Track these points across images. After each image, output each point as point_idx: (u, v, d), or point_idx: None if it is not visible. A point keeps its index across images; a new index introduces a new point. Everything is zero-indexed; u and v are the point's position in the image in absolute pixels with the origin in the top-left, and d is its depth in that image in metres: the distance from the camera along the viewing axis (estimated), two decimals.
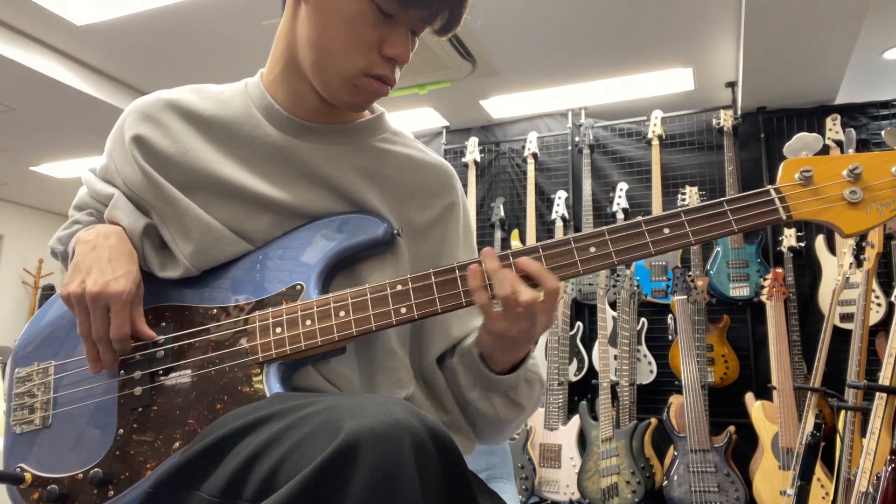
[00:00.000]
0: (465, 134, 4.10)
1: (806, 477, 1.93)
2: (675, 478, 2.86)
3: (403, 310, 0.77)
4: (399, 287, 0.78)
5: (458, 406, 0.89)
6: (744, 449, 2.95)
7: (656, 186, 3.45)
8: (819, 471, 2.51)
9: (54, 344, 0.87)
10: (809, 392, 2.53)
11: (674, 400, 3.07)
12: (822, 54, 2.88)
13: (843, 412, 2.15)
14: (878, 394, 1.78)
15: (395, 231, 0.85)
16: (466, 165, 3.93)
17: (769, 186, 0.76)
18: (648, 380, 3.29)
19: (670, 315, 3.23)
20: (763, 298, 3.00)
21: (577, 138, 3.80)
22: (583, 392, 3.42)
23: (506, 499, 0.92)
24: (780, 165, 0.77)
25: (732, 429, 2.92)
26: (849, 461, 2.04)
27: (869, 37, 3.03)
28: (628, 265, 3.35)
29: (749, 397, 2.95)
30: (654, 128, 3.51)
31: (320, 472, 0.51)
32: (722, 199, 0.76)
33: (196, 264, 0.83)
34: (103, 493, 0.76)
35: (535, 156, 3.80)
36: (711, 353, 3.16)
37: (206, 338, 0.80)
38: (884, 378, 1.79)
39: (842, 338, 2.82)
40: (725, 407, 3.17)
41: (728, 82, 3.51)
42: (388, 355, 0.86)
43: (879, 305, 2.88)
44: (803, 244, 3.17)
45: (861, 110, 3.26)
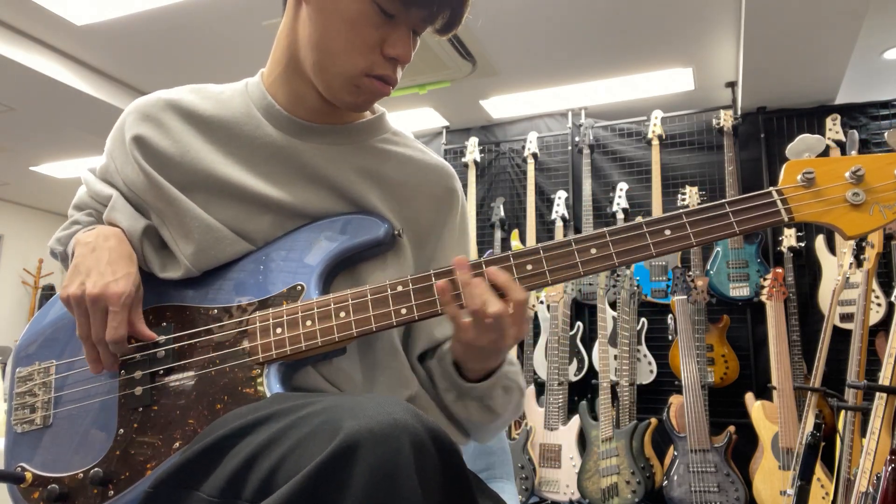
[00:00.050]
0: (465, 134, 4.10)
1: (806, 477, 1.93)
2: (675, 478, 2.86)
3: (404, 310, 0.77)
4: (399, 288, 0.78)
5: (436, 405, 0.90)
6: (744, 449, 2.95)
7: (656, 186, 3.45)
8: (819, 471, 2.51)
9: (55, 344, 0.87)
10: (809, 392, 2.53)
11: (674, 400, 3.07)
12: (822, 54, 2.88)
13: (843, 412, 2.15)
14: (878, 394, 1.78)
15: (396, 231, 0.85)
16: (466, 165, 3.93)
17: (771, 188, 0.76)
18: (648, 380, 3.29)
19: (670, 315, 3.23)
20: (763, 298, 3.00)
21: (577, 138, 3.80)
22: (583, 392, 3.42)
23: (506, 499, 0.92)
24: (783, 167, 0.77)
25: (732, 429, 2.92)
26: (849, 461, 2.04)
27: (869, 37, 3.03)
28: (628, 265, 3.35)
29: (749, 397, 2.95)
30: (654, 128, 3.51)
31: (320, 472, 0.51)
32: (723, 200, 0.76)
33: (197, 265, 0.83)
34: (103, 493, 0.76)
35: (535, 156, 3.80)
36: (711, 353, 3.16)
37: (207, 338, 0.80)
38: (884, 378, 1.79)
39: (842, 338, 2.82)
40: (725, 407, 3.17)
41: (728, 82, 3.51)
42: (390, 355, 0.86)
43: (879, 305, 2.88)
44: (803, 244, 3.17)
45: (861, 110, 3.26)
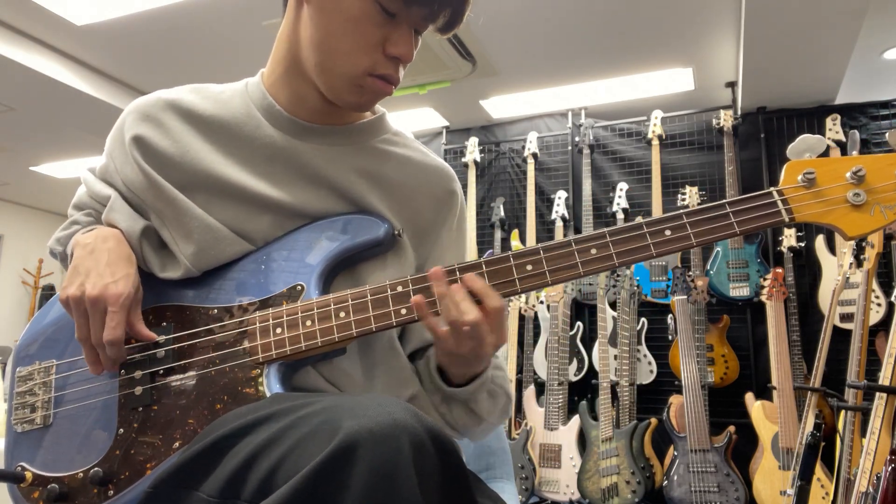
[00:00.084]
0: (465, 134, 4.10)
1: (806, 477, 1.93)
2: (675, 478, 2.86)
3: (404, 311, 0.77)
4: (399, 288, 0.78)
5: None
6: (744, 449, 2.95)
7: (656, 186, 3.45)
8: (819, 471, 2.51)
9: (56, 343, 0.87)
10: (809, 392, 2.53)
11: (674, 400, 3.07)
12: (822, 54, 2.88)
13: (843, 412, 2.15)
14: (878, 394, 1.78)
15: (396, 232, 0.85)
16: (466, 165, 3.93)
17: (772, 188, 0.76)
18: (648, 380, 3.29)
19: (670, 315, 3.23)
20: (763, 298, 3.00)
21: (577, 138, 3.80)
22: (583, 392, 3.42)
23: (506, 499, 0.92)
24: (783, 167, 0.77)
25: (732, 429, 2.92)
26: (849, 461, 2.04)
27: (869, 37, 3.03)
28: (628, 265, 3.35)
29: (749, 397, 2.95)
30: (654, 128, 3.51)
31: (319, 473, 0.51)
32: (724, 200, 0.76)
33: (197, 265, 0.83)
34: (103, 493, 0.76)
35: (535, 156, 3.80)
36: (711, 353, 3.15)
37: (207, 338, 0.80)
38: (884, 378, 1.79)
39: (842, 338, 2.82)
40: (725, 407, 3.17)
41: (728, 82, 3.51)
42: (390, 355, 0.86)
43: (879, 305, 2.88)
44: (803, 244, 3.17)
45: (861, 110, 3.26)
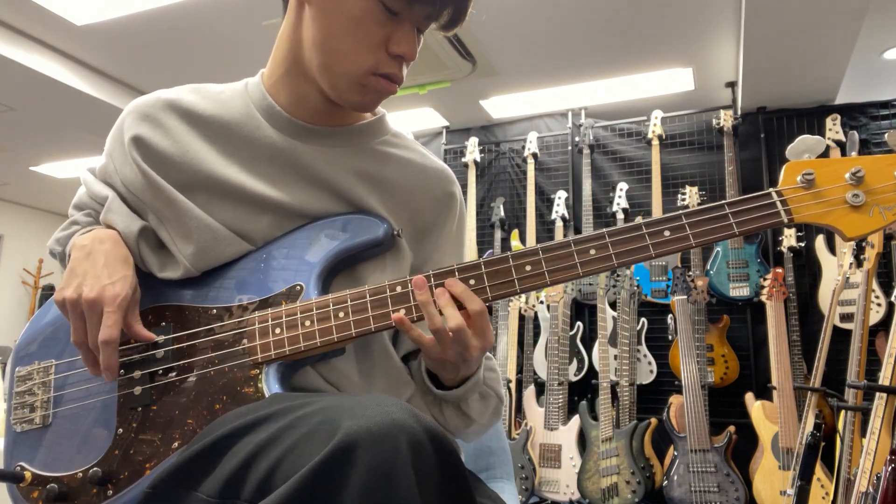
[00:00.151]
0: (465, 134, 4.09)
1: (806, 477, 1.93)
2: (675, 478, 2.86)
3: (403, 311, 0.77)
4: (398, 289, 0.78)
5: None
6: (744, 449, 2.95)
7: (656, 186, 3.45)
8: (819, 471, 2.51)
9: (55, 343, 0.87)
10: (809, 392, 2.53)
11: (674, 400, 3.07)
12: (822, 54, 2.88)
13: (843, 412, 2.15)
14: (878, 394, 1.78)
15: (395, 232, 0.85)
16: (466, 165, 3.93)
17: (771, 189, 0.76)
18: (648, 380, 3.29)
19: (670, 315, 3.23)
20: (763, 298, 3.00)
21: (577, 138, 3.80)
22: (583, 392, 3.42)
23: (506, 499, 0.92)
24: (782, 168, 0.77)
25: (732, 429, 2.92)
26: (849, 461, 2.04)
27: (869, 37, 3.03)
28: (628, 266, 3.35)
29: (749, 397, 2.95)
30: (654, 128, 3.51)
31: (317, 472, 0.51)
32: (723, 201, 0.76)
33: (196, 265, 0.83)
34: (103, 493, 0.76)
35: (535, 156, 3.80)
36: (711, 353, 3.15)
37: (206, 338, 0.80)
38: (884, 378, 1.79)
39: (842, 338, 2.82)
40: (725, 407, 3.17)
41: (728, 82, 3.51)
42: (387, 356, 0.86)
43: (879, 305, 2.88)
44: (803, 244, 3.17)
45: (861, 110, 3.26)
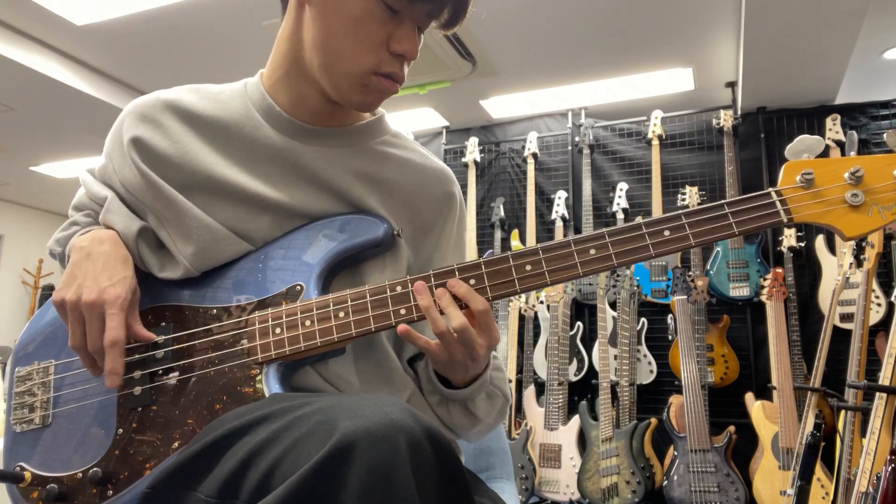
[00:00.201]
0: (465, 134, 4.09)
1: (806, 477, 1.93)
2: (675, 478, 2.86)
3: (403, 311, 0.77)
4: (399, 288, 0.78)
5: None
6: (744, 449, 2.95)
7: (656, 186, 3.45)
8: (819, 471, 2.51)
9: (55, 343, 0.87)
10: (809, 392, 2.53)
11: (674, 400, 3.07)
12: (822, 54, 2.88)
13: (843, 412, 2.15)
14: (878, 394, 1.78)
15: (395, 232, 0.85)
16: (466, 165, 3.93)
17: (770, 189, 0.76)
18: (648, 380, 3.29)
19: (670, 315, 3.23)
20: (763, 298, 3.00)
21: (577, 138, 3.80)
22: (583, 392, 3.42)
23: (506, 499, 0.92)
24: (782, 168, 0.77)
25: (732, 429, 2.92)
26: (849, 461, 2.04)
27: (869, 37, 3.03)
28: (628, 266, 3.35)
29: (749, 397, 2.95)
30: (654, 128, 3.51)
31: (316, 472, 0.51)
32: (723, 201, 0.76)
33: (196, 265, 0.83)
34: (102, 493, 0.76)
35: (535, 156, 3.79)
36: (711, 353, 3.15)
37: (206, 338, 0.80)
38: (884, 378, 1.79)
39: (842, 338, 2.82)
40: (725, 407, 3.16)
41: (728, 82, 3.51)
42: (387, 356, 0.86)
43: (879, 305, 2.88)
44: (803, 244, 3.17)
45: (861, 110, 3.25)
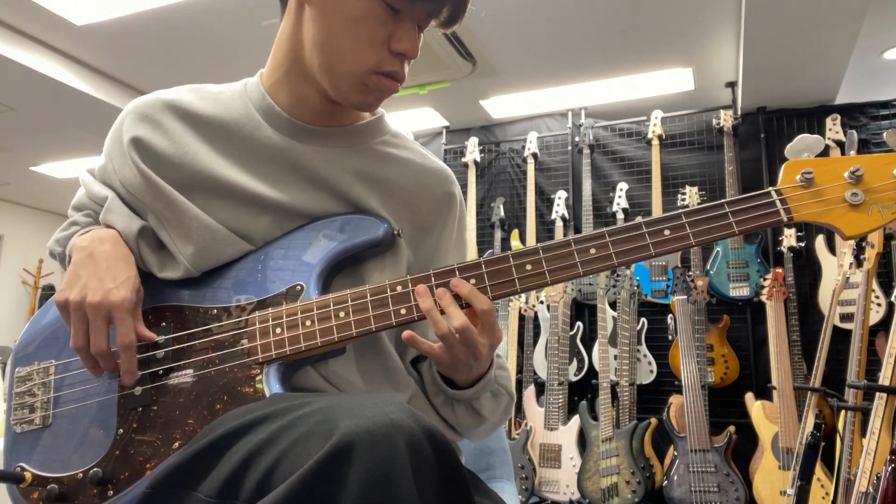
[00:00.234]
0: (465, 134, 4.09)
1: (806, 477, 1.93)
2: (675, 478, 2.86)
3: (403, 311, 0.77)
4: (399, 288, 0.78)
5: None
6: (744, 449, 2.95)
7: (656, 186, 3.45)
8: (819, 471, 2.51)
9: (55, 343, 0.86)
10: (809, 392, 2.53)
11: (674, 400, 3.07)
12: (822, 54, 2.88)
13: (843, 412, 2.15)
14: (878, 394, 1.78)
15: (395, 232, 0.85)
16: (466, 165, 3.93)
17: (770, 188, 0.76)
18: (648, 380, 3.29)
19: (670, 315, 3.23)
20: (763, 298, 3.00)
21: (577, 138, 3.80)
22: (583, 392, 3.42)
23: (506, 499, 0.92)
24: (782, 167, 0.77)
25: (732, 429, 2.92)
26: (849, 461, 2.04)
27: (869, 37, 3.03)
28: (628, 265, 3.35)
29: (749, 397, 2.95)
30: (654, 128, 3.51)
31: (316, 472, 0.51)
32: (723, 200, 0.76)
33: (196, 265, 0.83)
34: (103, 493, 0.76)
35: (535, 156, 3.80)
36: (711, 353, 3.15)
37: (206, 338, 0.80)
38: (884, 378, 1.79)
39: (842, 338, 2.82)
40: (725, 407, 3.17)
41: (728, 82, 3.51)
42: (388, 356, 0.86)
43: (879, 305, 2.88)
44: (803, 244, 3.17)
45: (861, 110, 3.26)
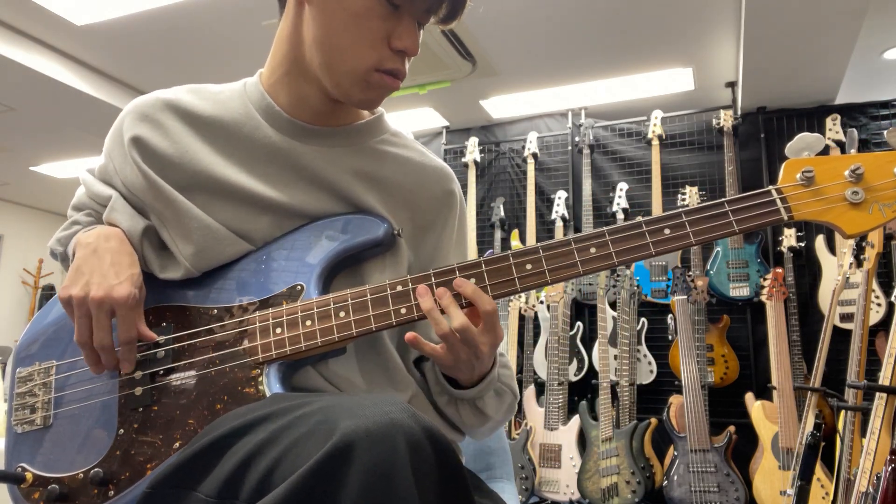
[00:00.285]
0: (465, 134, 4.09)
1: (806, 477, 1.93)
2: (675, 478, 2.86)
3: (403, 310, 0.77)
4: (399, 287, 0.78)
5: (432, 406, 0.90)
6: (744, 449, 2.95)
7: (656, 186, 3.45)
8: (819, 471, 2.51)
9: (56, 344, 0.87)
10: (809, 392, 2.53)
11: (674, 400, 3.07)
12: (822, 54, 2.88)
13: (843, 412, 2.14)
14: (878, 394, 1.78)
15: (396, 231, 0.85)
16: (466, 165, 3.93)
17: (770, 187, 0.76)
18: (648, 380, 3.29)
19: (670, 315, 3.23)
20: (763, 298, 3.00)
21: (577, 138, 3.80)
22: (583, 392, 3.42)
23: (506, 499, 0.92)
24: (782, 165, 0.77)
25: (732, 429, 2.92)
26: (849, 461, 2.04)
27: (869, 37, 3.03)
28: (628, 265, 3.35)
29: (749, 397, 2.95)
30: (654, 128, 3.51)
31: (316, 472, 0.51)
32: (723, 199, 0.76)
33: (196, 265, 0.83)
34: (104, 493, 0.76)
35: (535, 156, 3.80)
36: (711, 353, 3.15)
37: (207, 338, 0.80)
38: (884, 378, 1.79)
39: (842, 338, 2.82)
40: (725, 407, 3.17)
41: (728, 82, 3.51)
42: (388, 356, 0.86)
43: (879, 305, 2.88)
44: (803, 244, 3.17)
45: (861, 110, 3.26)
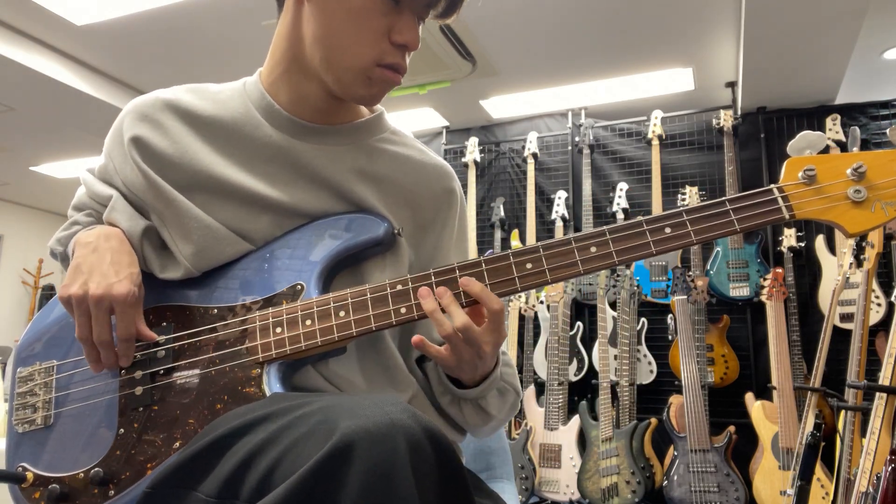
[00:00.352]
0: (465, 134, 4.10)
1: (806, 477, 1.93)
2: (675, 478, 2.86)
3: (403, 310, 0.77)
4: (399, 287, 0.78)
5: (433, 406, 0.90)
6: (744, 449, 2.95)
7: (656, 186, 3.45)
8: (819, 471, 2.51)
9: (57, 343, 0.87)
10: (809, 392, 2.53)
11: (674, 400, 3.07)
12: (822, 54, 2.88)
13: (843, 412, 2.14)
14: (878, 394, 1.78)
15: (396, 231, 0.85)
16: (466, 165, 3.93)
17: (772, 185, 0.76)
18: (648, 380, 3.29)
19: (670, 315, 3.23)
20: (763, 298, 3.00)
21: (577, 138, 3.80)
22: (583, 392, 3.42)
23: (506, 499, 0.92)
24: (784, 164, 0.77)
25: (732, 429, 2.92)
26: (849, 461, 2.04)
27: (869, 37, 3.03)
28: (628, 265, 3.35)
29: (749, 397, 2.95)
30: (654, 128, 3.51)
31: (316, 472, 0.51)
32: (724, 198, 0.75)
33: (196, 265, 0.83)
34: (104, 493, 0.76)
35: (535, 156, 3.80)
36: (711, 353, 3.15)
37: (207, 338, 0.80)
38: (884, 378, 1.79)
39: (842, 338, 2.82)
40: (725, 407, 3.17)
41: (728, 82, 3.51)
42: (389, 356, 0.86)
43: (879, 305, 2.88)
44: (803, 244, 3.17)
45: (861, 110, 3.26)
